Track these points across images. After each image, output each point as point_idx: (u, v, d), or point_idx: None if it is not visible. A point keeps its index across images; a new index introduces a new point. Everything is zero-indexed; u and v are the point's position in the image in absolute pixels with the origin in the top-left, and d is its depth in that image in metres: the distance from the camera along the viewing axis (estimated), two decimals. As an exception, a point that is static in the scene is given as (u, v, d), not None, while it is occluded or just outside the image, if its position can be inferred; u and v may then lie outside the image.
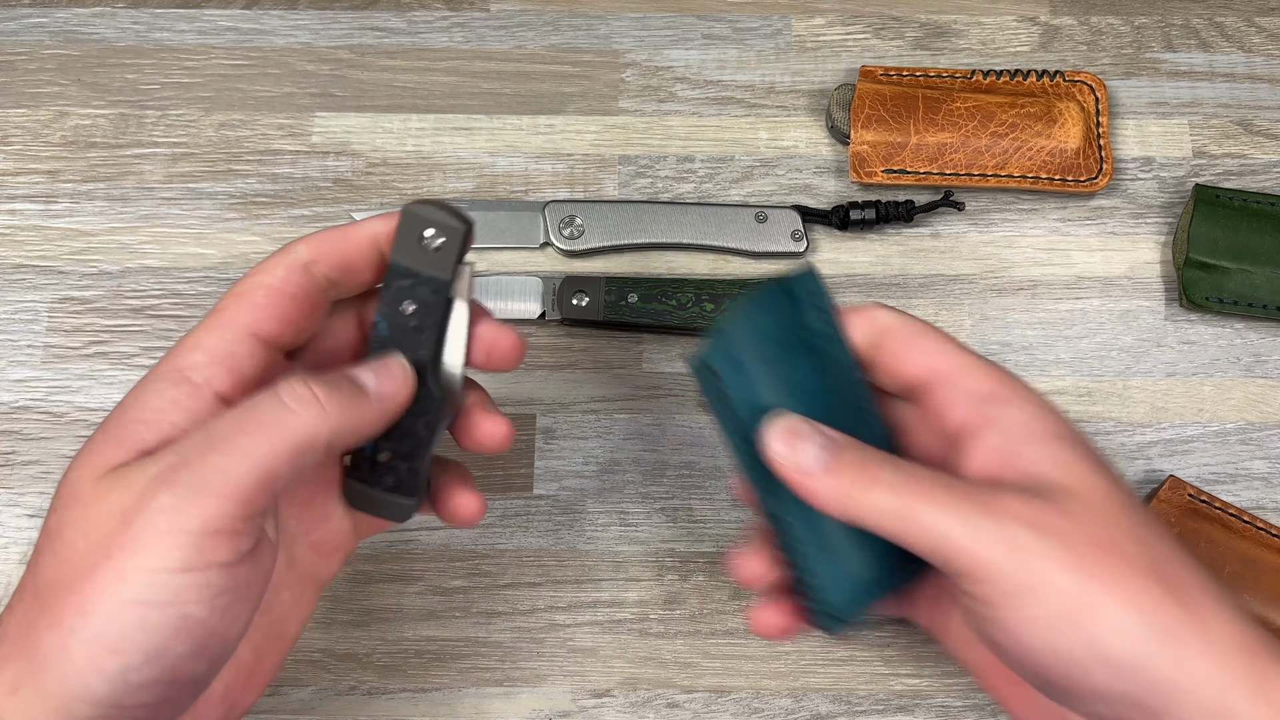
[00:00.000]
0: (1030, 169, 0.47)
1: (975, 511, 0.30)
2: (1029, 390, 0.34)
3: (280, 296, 0.32)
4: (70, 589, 0.27)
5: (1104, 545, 0.30)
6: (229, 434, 0.29)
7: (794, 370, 0.34)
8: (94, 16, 0.51)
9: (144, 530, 0.27)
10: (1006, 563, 0.30)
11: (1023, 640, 0.30)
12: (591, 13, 0.52)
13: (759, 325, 0.34)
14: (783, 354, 0.34)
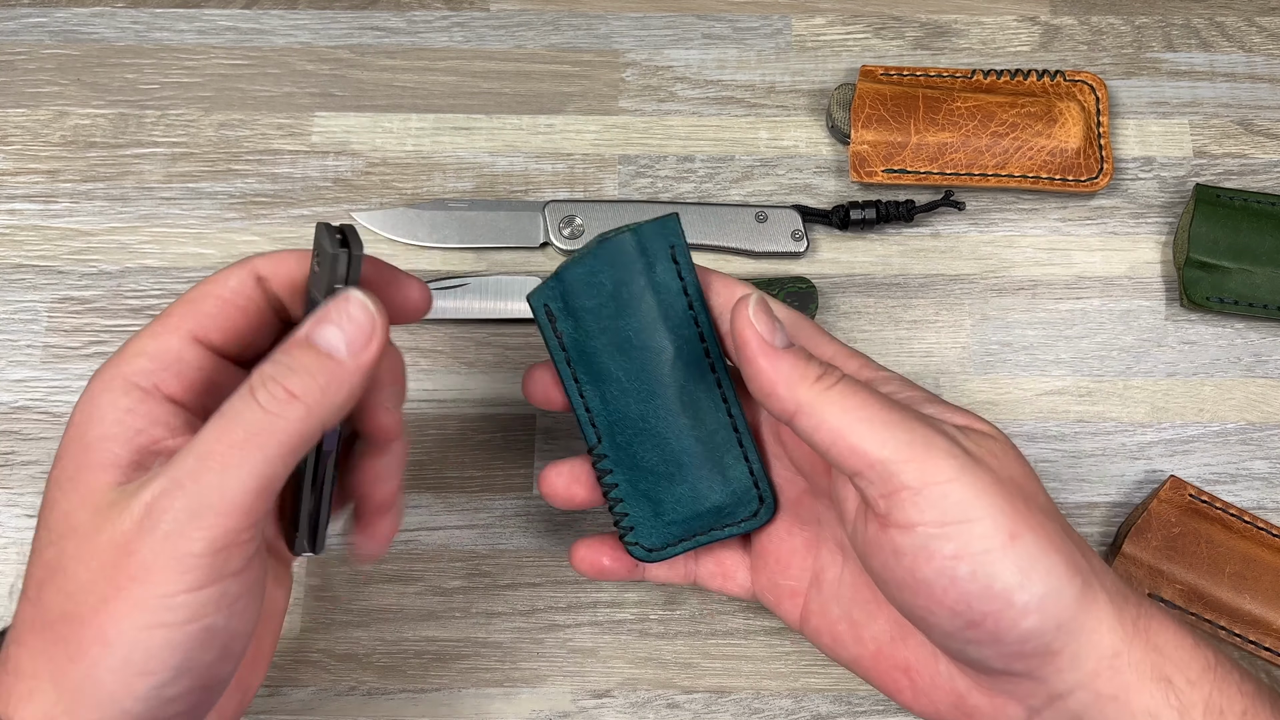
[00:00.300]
0: (1030, 169, 0.47)
1: (920, 424, 0.31)
2: (891, 371, 0.35)
3: (229, 307, 0.31)
4: (84, 621, 0.27)
5: (1023, 488, 0.32)
6: (218, 450, 0.28)
7: (626, 323, 0.35)
8: (93, 16, 0.51)
9: (152, 559, 0.27)
10: (951, 485, 0.30)
11: (944, 568, 0.30)
12: (591, 12, 0.52)
13: (597, 274, 0.35)
14: (616, 306, 0.35)
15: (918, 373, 0.46)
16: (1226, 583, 0.41)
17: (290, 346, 0.29)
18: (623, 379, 0.36)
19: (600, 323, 0.35)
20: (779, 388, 0.32)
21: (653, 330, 0.35)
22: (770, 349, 0.33)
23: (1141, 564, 0.42)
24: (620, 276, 0.35)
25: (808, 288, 0.45)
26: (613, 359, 0.35)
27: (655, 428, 0.36)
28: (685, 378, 0.36)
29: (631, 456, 0.37)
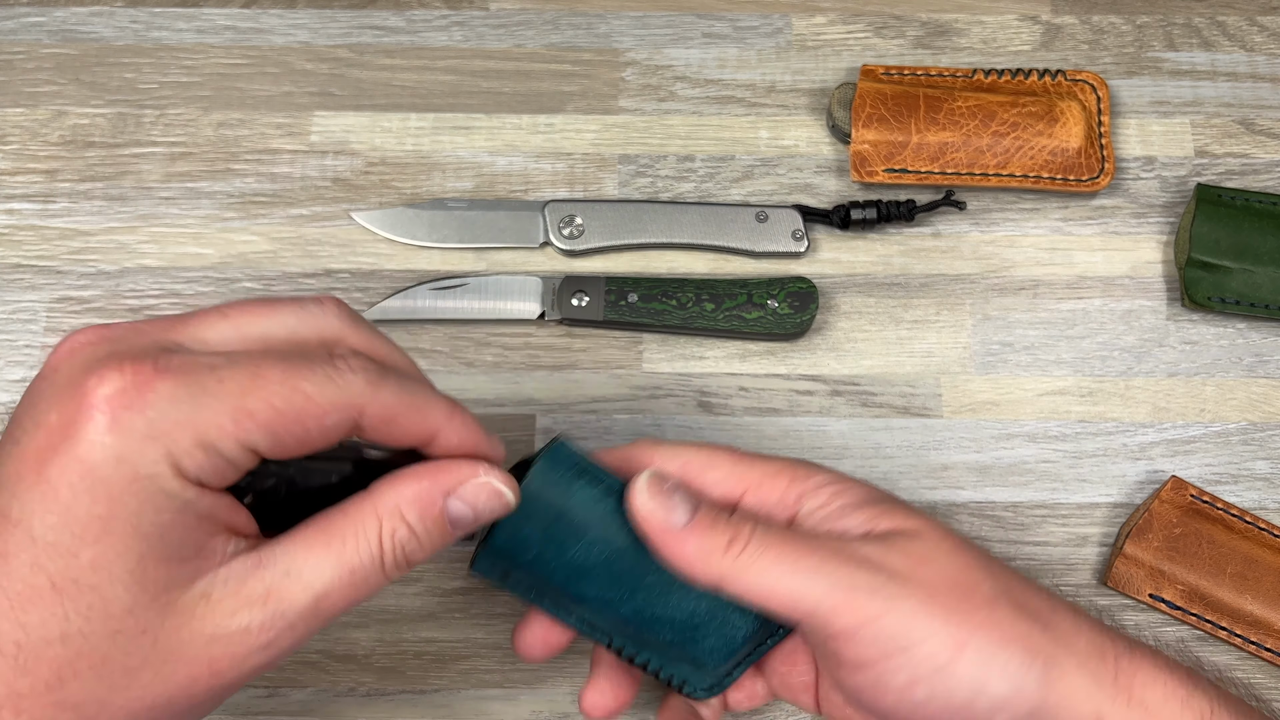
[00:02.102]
0: (1032, 168, 0.47)
1: (839, 564, 0.31)
2: (825, 470, 0.35)
3: (308, 433, 0.28)
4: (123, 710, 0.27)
5: (960, 584, 0.31)
6: (327, 605, 0.28)
7: (576, 551, 0.35)
8: (92, 15, 0.51)
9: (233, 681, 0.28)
10: (883, 620, 0.30)
11: (903, 697, 0.31)
12: (591, 11, 0.52)
13: (522, 529, 0.34)
14: (557, 544, 0.35)
15: (918, 372, 0.46)
16: (1228, 583, 0.41)
17: (427, 512, 0.29)
18: (601, 591, 0.36)
19: (551, 561, 0.35)
20: (695, 567, 0.32)
21: (603, 542, 0.35)
22: (671, 535, 0.32)
23: (1143, 564, 0.42)
24: (544, 520, 0.34)
25: (808, 288, 0.45)
26: (582, 582, 0.35)
27: (656, 612, 0.36)
28: (655, 559, 0.35)
29: (648, 639, 0.37)
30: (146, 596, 0.26)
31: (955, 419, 0.45)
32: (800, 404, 0.45)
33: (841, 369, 0.46)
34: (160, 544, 0.26)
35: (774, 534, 0.32)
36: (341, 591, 0.28)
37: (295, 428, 0.27)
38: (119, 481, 0.25)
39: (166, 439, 0.25)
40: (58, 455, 0.25)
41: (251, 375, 0.26)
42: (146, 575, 0.26)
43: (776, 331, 0.45)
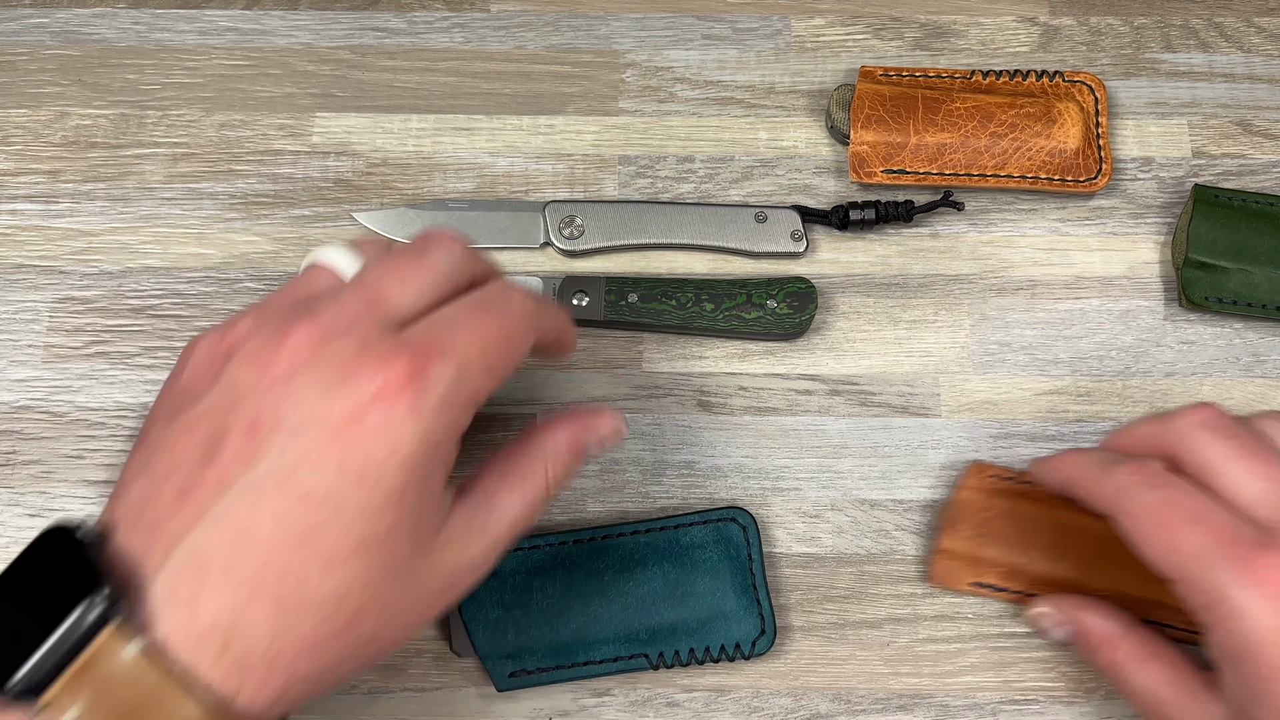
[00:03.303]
0: (1030, 169, 0.47)
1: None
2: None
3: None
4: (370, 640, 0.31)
5: None
6: (510, 532, 0.34)
7: (534, 609, 0.42)
8: (95, 17, 0.51)
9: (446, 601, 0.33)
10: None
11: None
12: (591, 13, 0.52)
13: (484, 625, 0.41)
14: (516, 606, 0.42)
15: (917, 372, 0.46)
16: (1043, 555, 0.42)
17: (576, 451, 0.36)
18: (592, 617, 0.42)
19: (533, 628, 0.42)
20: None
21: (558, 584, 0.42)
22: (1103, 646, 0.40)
23: (960, 555, 0.42)
24: (500, 604, 0.42)
25: (807, 288, 0.46)
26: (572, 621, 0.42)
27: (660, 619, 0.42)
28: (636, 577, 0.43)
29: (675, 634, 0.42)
30: (420, 547, 0.31)
31: (953, 418, 0.45)
32: (799, 403, 0.46)
33: (840, 369, 0.46)
34: (432, 500, 0.31)
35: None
36: (526, 518, 0.34)
37: (512, 367, 0.33)
38: (420, 454, 0.30)
39: (452, 411, 0.31)
40: (360, 441, 0.29)
41: (480, 336, 0.32)
42: (421, 528, 0.31)
43: (776, 331, 0.45)
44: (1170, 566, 0.34)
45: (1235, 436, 0.35)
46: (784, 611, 0.43)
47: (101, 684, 0.27)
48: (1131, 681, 0.37)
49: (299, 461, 0.29)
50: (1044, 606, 0.40)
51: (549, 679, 0.41)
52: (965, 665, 0.42)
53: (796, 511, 0.44)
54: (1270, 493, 0.34)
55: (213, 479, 0.29)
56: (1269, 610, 0.31)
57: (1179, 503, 0.34)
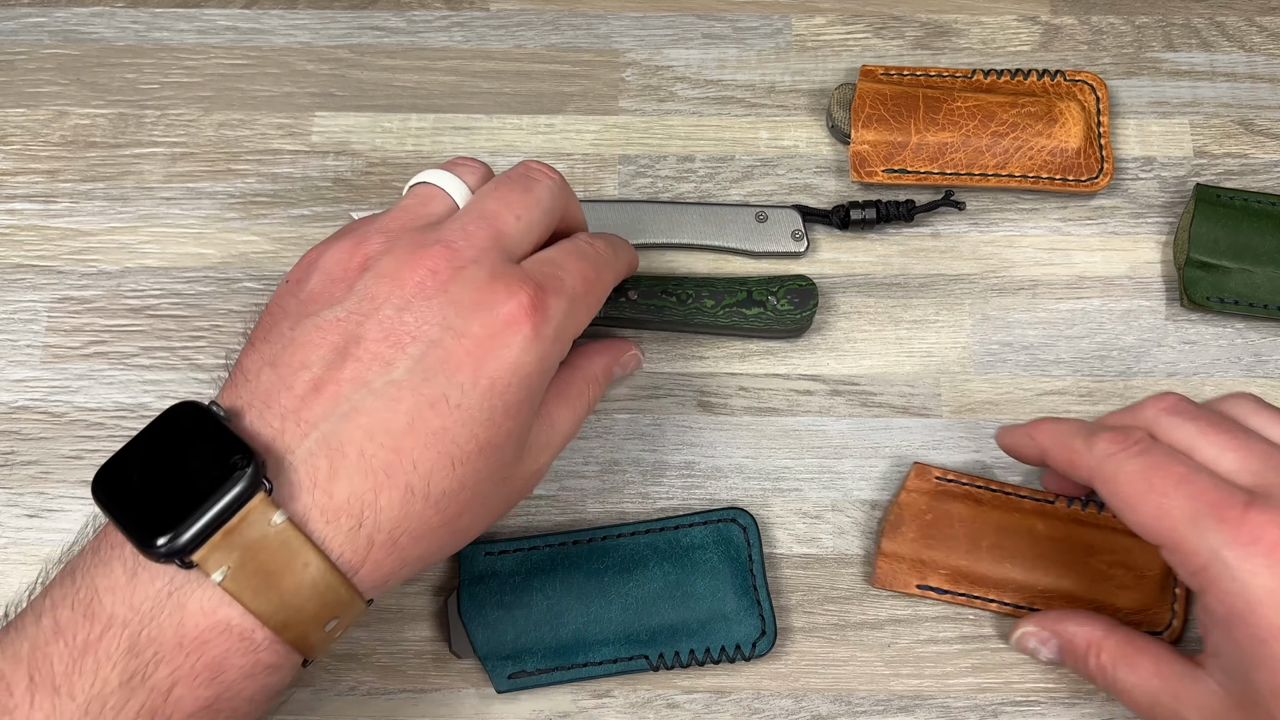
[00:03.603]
0: (1031, 169, 0.47)
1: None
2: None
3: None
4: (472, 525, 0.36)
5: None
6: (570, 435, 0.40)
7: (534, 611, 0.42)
8: (93, 16, 0.51)
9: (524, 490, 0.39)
10: None
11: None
12: (591, 12, 0.52)
13: (482, 627, 0.41)
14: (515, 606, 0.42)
15: (918, 373, 0.46)
16: (986, 556, 0.42)
17: (608, 375, 0.42)
18: (593, 619, 0.42)
19: (533, 630, 0.42)
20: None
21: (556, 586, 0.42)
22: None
23: (903, 559, 0.42)
24: (496, 606, 0.42)
25: (807, 285, 0.45)
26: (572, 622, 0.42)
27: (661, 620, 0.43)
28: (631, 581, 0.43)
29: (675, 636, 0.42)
30: (520, 452, 0.35)
31: (954, 419, 0.45)
32: (800, 404, 0.45)
33: (841, 369, 0.46)
34: (533, 415, 0.36)
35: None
36: (573, 432, 0.39)
37: (600, 305, 0.38)
38: (537, 374, 0.34)
39: (562, 341, 0.35)
40: (492, 358, 0.33)
41: (582, 278, 0.36)
42: (523, 439, 0.35)
43: (777, 328, 0.45)
44: (1160, 531, 0.34)
45: (1202, 417, 0.36)
46: (785, 612, 0.43)
47: (248, 548, 0.30)
48: (1122, 682, 0.37)
49: (435, 370, 0.32)
50: (1026, 626, 0.40)
51: (549, 680, 0.41)
52: (967, 666, 0.42)
53: (797, 512, 0.44)
54: (1245, 461, 0.34)
55: (349, 376, 0.32)
56: (1263, 569, 0.31)
57: (1165, 467, 0.34)
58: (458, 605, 0.41)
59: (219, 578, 0.30)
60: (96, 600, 0.30)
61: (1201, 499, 0.33)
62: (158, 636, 0.30)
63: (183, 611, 0.30)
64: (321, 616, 0.31)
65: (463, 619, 0.41)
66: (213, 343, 0.46)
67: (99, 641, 0.30)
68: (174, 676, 0.30)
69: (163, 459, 0.31)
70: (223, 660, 0.30)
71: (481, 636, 0.41)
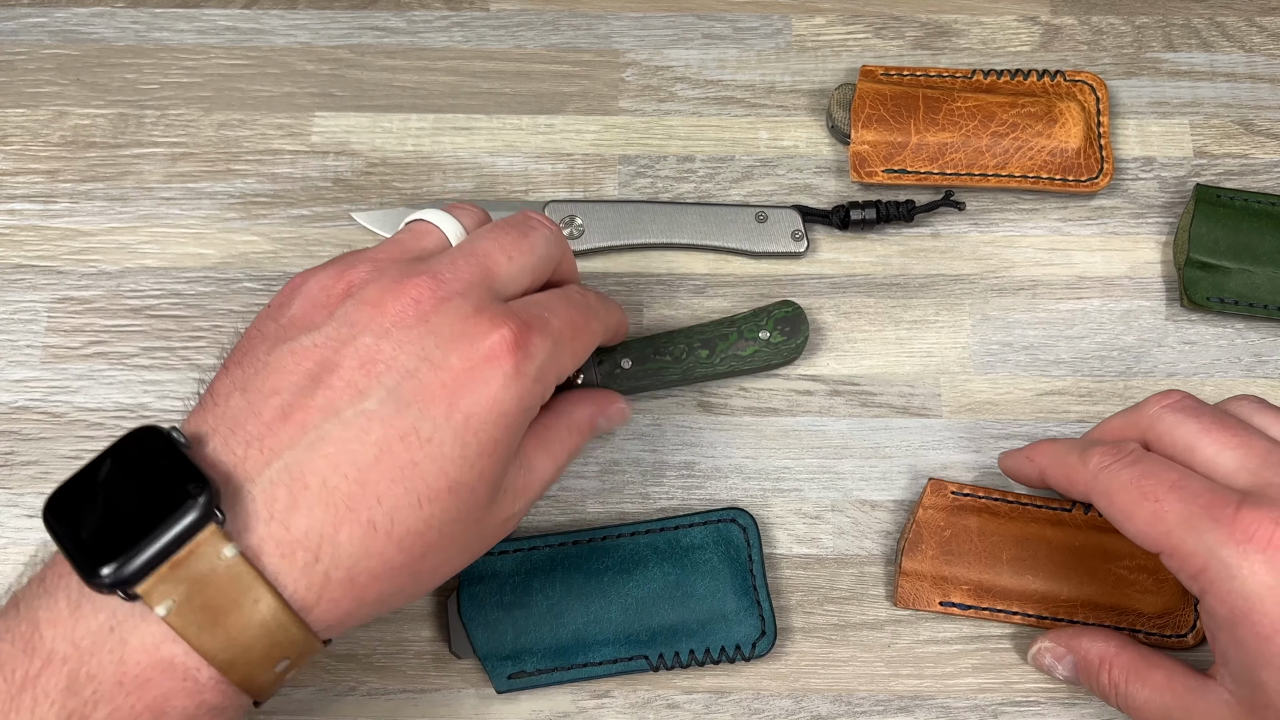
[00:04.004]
0: (1031, 169, 0.47)
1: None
2: None
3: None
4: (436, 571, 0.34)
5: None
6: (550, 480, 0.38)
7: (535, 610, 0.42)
8: (93, 16, 0.51)
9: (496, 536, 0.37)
10: None
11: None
12: (591, 12, 0.52)
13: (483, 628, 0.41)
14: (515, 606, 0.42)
15: (918, 372, 0.46)
16: (1007, 569, 0.42)
17: (592, 425, 0.40)
18: (594, 618, 0.42)
19: (533, 630, 0.42)
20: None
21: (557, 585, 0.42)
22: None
23: (924, 577, 0.42)
24: (497, 607, 0.42)
25: (795, 311, 0.45)
26: (572, 622, 0.42)
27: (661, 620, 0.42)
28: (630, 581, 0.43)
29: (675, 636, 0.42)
30: (494, 495, 0.34)
31: (954, 419, 0.45)
32: (800, 404, 0.45)
33: (841, 369, 0.46)
34: (509, 457, 0.34)
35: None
36: (552, 478, 0.38)
37: (588, 354, 0.37)
38: (515, 414, 0.33)
39: (544, 382, 0.34)
40: (468, 392, 0.32)
41: (569, 323, 0.36)
42: (497, 481, 0.34)
43: (775, 361, 0.45)
44: (1156, 537, 0.34)
45: (1204, 415, 0.36)
46: (784, 613, 0.43)
47: (195, 581, 0.29)
48: (1134, 698, 0.37)
49: (409, 402, 0.31)
50: (1044, 641, 0.40)
51: (548, 680, 0.41)
52: (967, 667, 0.42)
53: (797, 512, 0.44)
54: (1245, 459, 0.34)
55: (319, 404, 0.31)
56: (1260, 566, 0.31)
57: (1157, 474, 0.34)
58: (458, 605, 0.41)
59: (163, 611, 0.29)
60: (37, 634, 0.29)
61: (1195, 502, 0.33)
62: (97, 674, 0.29)
63: (124, 648, 0.29)
64: (271, 656, 0.30)
65: (463, 619, 0.41)
66: (213, 343, 0.46)
67: (37, 679, 0.28)
68: (113, 717, 0.29)
69: (117, 486, 0.30)
70: (164, 701, 0.29)
71: (481, 637, 0.41)
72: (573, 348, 0.36)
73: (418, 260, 0.35)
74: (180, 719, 0.29)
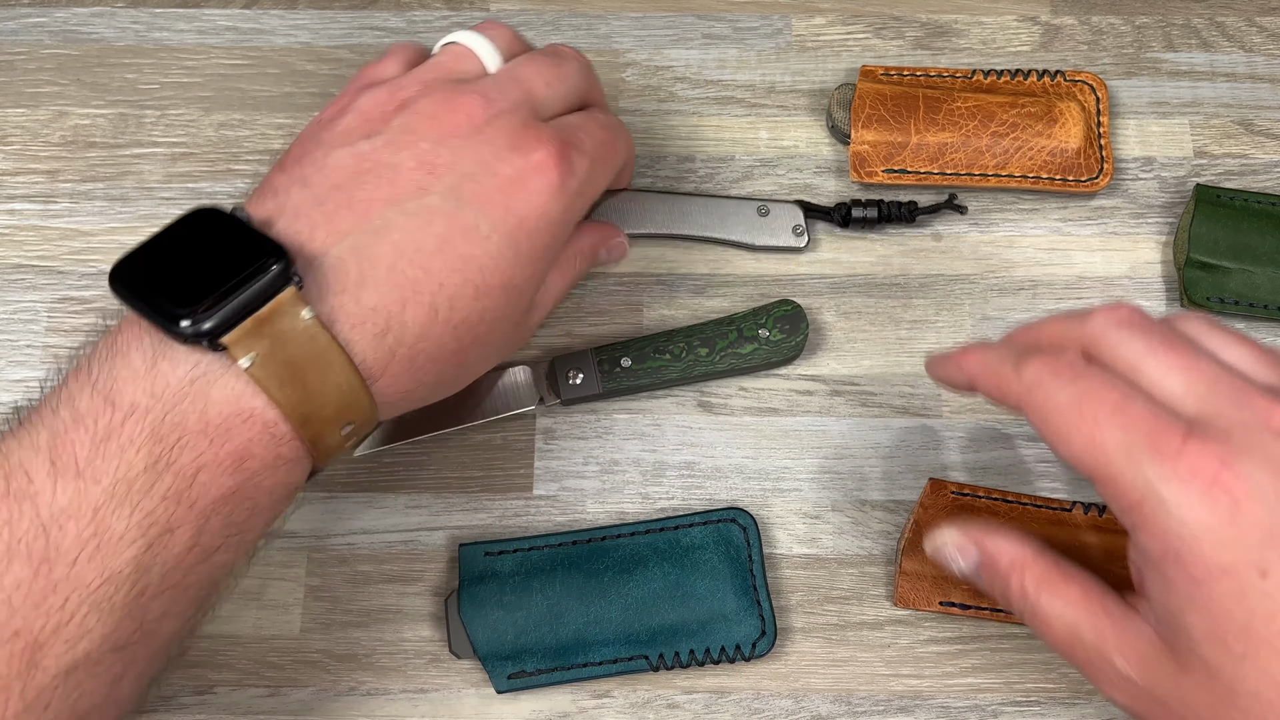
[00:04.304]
0: (1031, 169, 0.47)
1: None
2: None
3: None
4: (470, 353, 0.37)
5: None
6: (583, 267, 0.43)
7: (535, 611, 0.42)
8: (93, 16, 0.51)
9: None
10: None
11: None
12: (591, 12, 0.52)
13: (482, 626, 0.41)
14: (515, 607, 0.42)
15: (918, 372, 0.46)
16: None
17: (595, 253, 0.43)
18: (593, 619, 0.42)
19: (533, 630, 0.42)
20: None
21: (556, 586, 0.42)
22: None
23: (924, 577, 0.42)
24: (496, 607, 0.42)
25: (794, 309, 0.45)
26: (573, 622, 0.42)
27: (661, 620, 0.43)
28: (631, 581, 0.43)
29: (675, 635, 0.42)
30: (530, 301, 0.38)
31: (955, 419, 0.45)
32: (800, 404, 0.45)
33: (841, 369, 0.46)
34: (548, 268, 0.38)
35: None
36: (561, 298, 0.42)
37: (612, 176, 0.40)
38: (560, 224, 0.36)
39: (581, 197, 0.37)
40: (521, 199, 0.35)
41: (601, 144, 0.38)
42: (539, 285, 0.37)
43: (775, 359, 0.45)
44: (1092, 464, 0.31)
45: (1152, 333, 0.33)
46: (785, 613, 0.43)
47: (276, 338, 0.31)
48: (1044, 610, 0.34)
49: (468, 201, 0.34)
50: (949, 534, 0.36)
51: (548, 680, 0.41)
52: (967, 667, 0.42)
53: (797, 512, 0.44)
54: (1192, 383, 0.31)
55: (383, 196, 0.33)
56: (1201, 505, 0.29)
57: (1098, 394, 0.31)
58: (458, 605, 0.41)
59: (246, 364, 0.30)
60: (116, 389, 0.30)
61: (1137, 429, 0.30)
62: (181, 422, 0.30)
63: (206, 399, 0.30)
64: (340, 418, 0.32)
65: (463, 619, 0.41)
66: (213, 343, 0.46)
67: (121, 427, 0.30)
68: (198, 462, 0.30)
69: (186, 254, 0.32)
70: (246, 449, 0.31)
71: (481, 636, 0.41)
72: (604, 169, 0.39)
73: (463, 81, 0.37)
74: (259, 467, 0.31)
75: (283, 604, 0.43)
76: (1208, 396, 0.31)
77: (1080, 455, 0.31)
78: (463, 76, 0.38)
